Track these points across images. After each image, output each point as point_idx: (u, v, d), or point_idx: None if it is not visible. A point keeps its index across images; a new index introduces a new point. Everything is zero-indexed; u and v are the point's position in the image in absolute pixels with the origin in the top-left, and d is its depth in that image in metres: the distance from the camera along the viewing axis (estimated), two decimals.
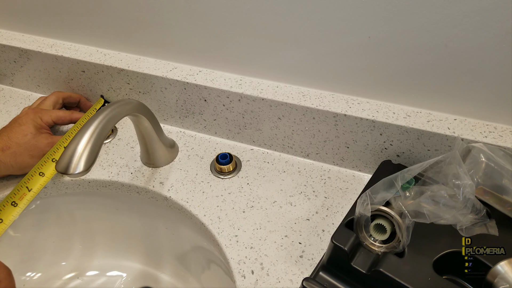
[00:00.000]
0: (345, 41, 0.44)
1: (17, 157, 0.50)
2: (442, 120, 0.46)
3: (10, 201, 0.47)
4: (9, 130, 0.51)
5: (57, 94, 0.59)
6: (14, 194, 0.48)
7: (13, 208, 0.47)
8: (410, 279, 0.35)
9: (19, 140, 0.50)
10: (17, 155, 0.50)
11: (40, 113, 0.54)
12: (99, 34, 0.57)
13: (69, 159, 0.37)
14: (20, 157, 0.50)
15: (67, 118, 0.56)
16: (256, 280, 0.43)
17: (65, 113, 0.56)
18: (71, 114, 0.57)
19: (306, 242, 0.47)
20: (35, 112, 0.54)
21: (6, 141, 0.50)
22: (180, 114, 0.59)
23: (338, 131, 0.51)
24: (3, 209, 0.47)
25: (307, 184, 0.53)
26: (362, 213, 0.38)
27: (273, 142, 0.57)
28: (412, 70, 0.44)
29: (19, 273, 0.60)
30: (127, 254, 0.65)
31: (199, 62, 0.55)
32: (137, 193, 0.55)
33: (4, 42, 0.61)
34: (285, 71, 0.51)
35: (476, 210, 0.37)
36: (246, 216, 0.50)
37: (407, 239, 0.37)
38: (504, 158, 0.38)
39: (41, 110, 0.55)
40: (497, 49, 0.39)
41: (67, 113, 0.56)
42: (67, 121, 0.56)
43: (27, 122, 0.52)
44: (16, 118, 0.53)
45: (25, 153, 0.50)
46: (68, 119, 0.56)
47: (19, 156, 0.50)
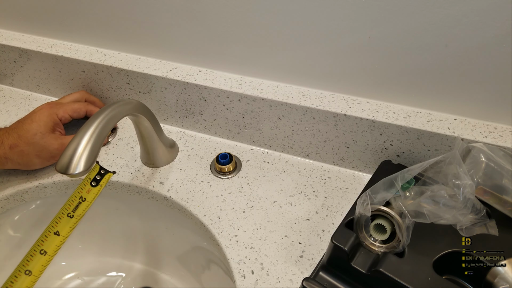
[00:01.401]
0: (345, 41, 0.44)
1: (24, 156, 0.50)
2: (442, 120, 0.46)
3: (23, 270, 0.40)
4: (20, 127, 0.50)
5: (82, 93, 0.59)
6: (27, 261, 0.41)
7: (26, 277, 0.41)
8: (410, 279, 0.35)
9: (28, 140, 0.50)
10: (24, 154, 0.50)
11: (55, 108, 0.53)
12: (99, 34, 0.57)
13: (69, 159, 0.37)
14: (27, 157, 0.50)
15: (82, 109, 0.55)
16: (256, 280, 0.43)
17: (80, 104, 0.56)
18: (86, 105, 0.56)
19: (306, 242, 0.47)
20: (51, 107, 0.53)
21: (15, 139, 0.49)
22: (180, 114, 0.59)
23: (338, 131, 0.51)
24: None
25: (307, 184, 0.53)
26: (362, 213, 0.38)
27: (273, 142, 0.57)
28: (412, 70, 0.44)
29: None
30: (127, 254, 0.65)
31: (199, 62, 0.55)
32: (137, 193, 0.55)
33: (4, 42, 0.61)
34: (285, 71, 0.51)
35: (476, 210, 0.37)
36: (246, 216, 0.50)
37: (407, 239, 0.37)
38: (504, 158, 0.38)
39: (57, 105, 0.54)
40: (497, 49, 0.39)
41: (82, 105, 0.56)
42: (83, 113, 0.56)
43: (40, 120, 0.51)
44: (31, 113, 0.52)
45: (32, 153, 0.50)
46: (84, 110, 0.56)
47: (26, 156, 0.50)
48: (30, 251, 0.40)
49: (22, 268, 0.39)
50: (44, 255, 0.40)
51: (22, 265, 0.39)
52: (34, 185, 0.54)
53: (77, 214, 0.42)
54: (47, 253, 0.40)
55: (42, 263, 0.40)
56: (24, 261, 0.40)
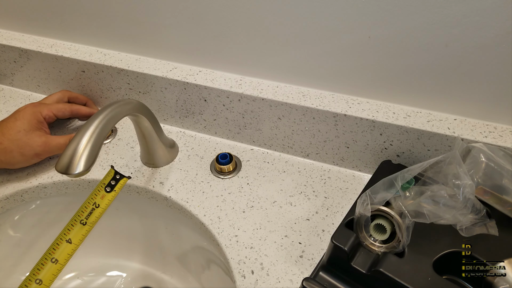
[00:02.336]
0: (345, 41, 0.44)
1: (7, 153, 0.50)
2: (442, 120, 0.46)
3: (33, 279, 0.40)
4: (4, 125, 0.51)
5: (64, 92, 0.59)
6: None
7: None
8: (410, 279, 0.35)
9: (11, 136, 0.50)
10: (7, 152, 0.50)
11: (39, 107, 0.53)
12: (99, 34, 0.57)
13: (69, 159, 0.37)
14: (10, 154, 0.50)
15: (67, 109, 0.56)
16: (256, 280, 0.43)
17: (65, 105, 0.56)
18: (70, 106, 0.57)
19: (306, 242, 0.47)
20: (35, 106, 0.53)
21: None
22: (180, 114, 0.59)
23: (338, 131, 0.51)
24: None
25: (307, 184, 0.53)
26: (362, 213, 0.38)
27: (273, 142, 0.57)
28: (412, 70, 0.44)
29: (19, 273, 0.60)
30: (127, 254, 0.65)
31: (199, 62, 0.55)
32: (137, 193, 0.55)
33: (4, 42, 0.61)
34: (285, 71, 0.51)
35: (476, 210, 0.37)
36: (246, 216, 0.50)
37: (407, 239, 0.37)
38: (504, 158, 0.38)
39: (41, 104, 0.54)
40: (497, 49, 0.39)
41: (67, 105, 0.57)
42: (67, 112, 0.56)
43: (23, 118, 0.51)
44: (15, 112, 0.53)
45: (15, 150, 0.50)
46: (69, 110, 0.56)
47: (9, 153, 0.50)
48: (41, 259, 0.40)
49: (32, 277, 0.39)
50: (55, 263, 0.40)
51: (33, 274, 0.39)
52: (34, 185, 0.54)
53: (90, 221, 0.41)
54: (58, 261, 0.40)
55: (53, 272, 0.39)
56: (35, 270, 0.39)
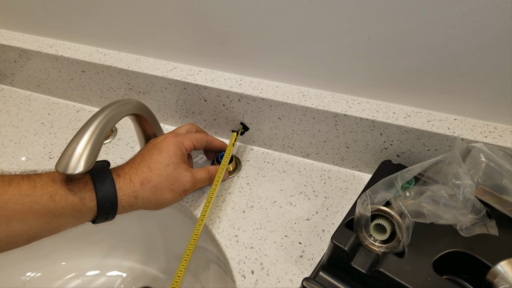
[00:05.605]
0: (345, 41, 0.44)
1: (157, 191, 0.43)
2: (442, 120, 0.46)
3: None
4: (148, 158, 0.44)
5: (193, 125, 0.54)
6: None
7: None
8: (410, 279, 0.35)
9: (160, 172, 0.43)
10: (157, 190, 0.43)
11: (180, 137, 0.47)
12: (99, 34, 0.57)
13: (69, 159, 0.36)
14: (160, 192, 0.43)
15: (204, 140, 0.51)
16: (256, 280, 0.43)
17: (201, 135, 0.51)
18: (206, 136, 0.52)
19: (306, 242, 0.47)
20: (175, 135, 0.47)
21: (146, 173, 0.42)
22: (180, 114, 0.59)
23: (338, 131, 0.51)
24: None
25: (307, 184, 0.53)
26: (362, 213, 0.38)
27: (273, 142, 0.57)
28: (412, 70, 0.44)
29: (19, 273, 0.60)
30: (127, 254, 0.65)
31: (199, 62, 0.55)
32: None
33: (4, 42, 0.61)
34: (285, 71, 0.51)
35: (476, 210, 0.37)
36: (246, 216, 0.50)
37: (407, 239, 0.37)
38: (504, 158, 0.38)
39: (180, 134, 0.48)
40: (497, 49, 0.39)
41: (203, 135, 0.52)
42: (204, 143, 0.51)
43: (168, 149, 0.45)
44: (154, 144, 0.46)
45: (166, 187, 0.43)
46: (205, 140, 0.51)
47: (159, 191, 0.43)
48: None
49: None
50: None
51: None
52: None
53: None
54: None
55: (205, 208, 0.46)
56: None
